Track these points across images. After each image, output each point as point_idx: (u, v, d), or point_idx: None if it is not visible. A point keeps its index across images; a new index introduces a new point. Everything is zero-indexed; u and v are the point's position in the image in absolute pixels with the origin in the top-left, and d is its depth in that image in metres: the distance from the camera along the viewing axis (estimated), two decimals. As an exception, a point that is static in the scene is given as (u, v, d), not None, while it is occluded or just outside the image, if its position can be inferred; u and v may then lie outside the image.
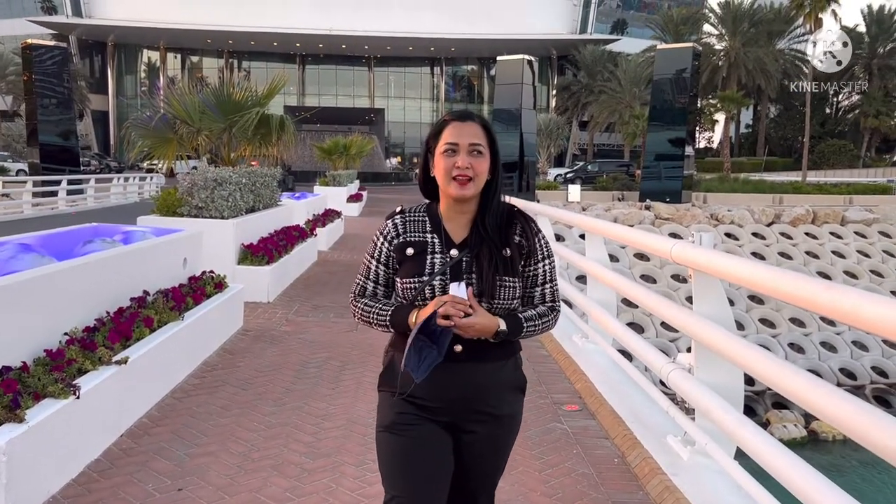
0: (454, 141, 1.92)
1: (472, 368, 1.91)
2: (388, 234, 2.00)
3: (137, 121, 9.10)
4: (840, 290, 2.30)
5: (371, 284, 2.04)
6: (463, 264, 1.92)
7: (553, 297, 2.04)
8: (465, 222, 1.98)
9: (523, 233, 1.99)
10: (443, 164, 1.92)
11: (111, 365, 3.71)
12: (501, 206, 2.02)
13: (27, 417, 2.93)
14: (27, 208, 21.19)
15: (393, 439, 1.91)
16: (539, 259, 2.00)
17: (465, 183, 1.90)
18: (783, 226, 22.05)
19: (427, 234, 1.97)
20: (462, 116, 1.98)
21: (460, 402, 1.92)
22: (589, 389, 4.81)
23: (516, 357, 2.04)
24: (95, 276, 4.25)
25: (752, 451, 2.86)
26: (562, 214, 7.01)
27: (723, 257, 3.35)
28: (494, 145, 1.98)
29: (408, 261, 1.95)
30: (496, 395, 1.96)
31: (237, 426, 4.01)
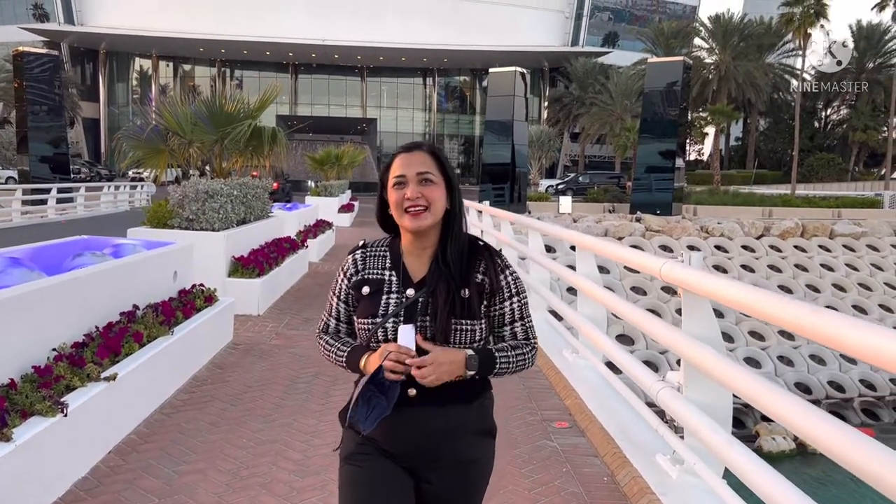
0: (402, 173, 1.82)
1: (428, 414, 1.77)
2: (347, 270, 1.92)
3: (129, 131, 9.09)
4: (825, 315, 2.32)
5: (333, 321, 1.97)
6: (418, 305, 1.80)
7: (526, 335, 1.93)
8: (426, 258, 1.87)
9: (487, 270, 1.85)
10: (393, 197, 1.82)
11: (100, 381, 3.69)
12: (464, 239, 1.88)
13: (14, 436, 2.92)
14: (16, 216, 21.08)
15: (353, 470, 1.82)
16: (506, 297, 1.87)
17: (419, 214, 1.79)
18: (773, 239, 22.19)
19: (385, 270, 1.87)
20: (409, 147, 1.89)
21: (415, 451, 1.80)
22: (579, 406, 4.82)
23: (482, 399, 1.89)
24: (85, 291, 4.23)
25: (739, 472, 2.88)
26: (553, 230, 7.04)
27: (711, 278, 3.37)
28: (448, 174, 1.87)
29: (364, 300, 1.86)
30: (457, 443, 1.82)
31: (226, 443, 3.99)
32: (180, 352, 4.92)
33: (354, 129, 55.22)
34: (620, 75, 49.68)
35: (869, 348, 2.04)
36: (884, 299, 17.81)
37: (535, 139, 45.44)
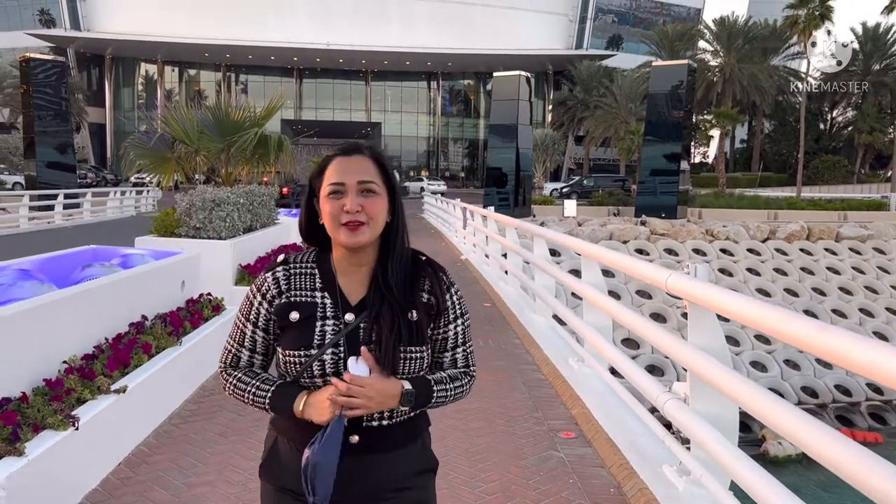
0: (339, 180, 1.58)
1: (372, 461, 1.58)
2: (267, 292, 1.63)
3: (136, 139, 9.15)
4: (832, 333, 2.33)
5: (246, 353, 1.67)
6: (360, 332, 1.58)
7: (466, 362, 1.73)
8: (364, 276, 1.64)
9: (432, 288, 1.66)
10: (328, 207, 1.58)
11: (110, 394, 3.73)
12: (405, 254, 1.66)
13: (27, 450, 2.95)
14: (24, 223, 21.18)
15: None
16: (451, 319, 1.68)
17: (357, 228, 1.56)
18: (778, 242, 22.16)
19: (316, 292, 1.61)
20: (348, 150, 1.63)
21: (358, 499, 1.59)
22: (585, 416, 4.84)
23: (423, 436, 1.71)
24: (95, 303, 4.27)
25: (746, 486, 2.89)
26: (558, 238, 7.05)
27: (717, 291, 3.38)
28: (391, 181, 1.64)
29: (292, 327, 1.59)
30: (399, 485, 1.63)
31: (235, 454, 4.02)
32: (188, 362, 4.96)
33: (359, 133, 55.33)
34: (625, 78, 49.67)
35: (878, 367, 2.05)
36: (890, 302, 17.78)
37: (539, 142, 45.47)
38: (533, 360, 6.51)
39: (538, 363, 6.37)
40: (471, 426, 4.65)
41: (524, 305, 8.88)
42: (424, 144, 66.57)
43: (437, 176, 59.52)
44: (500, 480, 3.81)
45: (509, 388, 5.62)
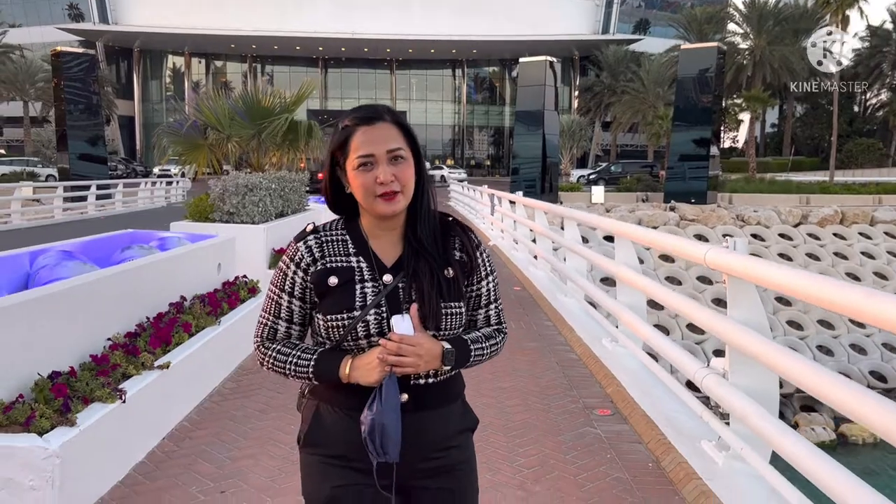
0: (368, 152, 1.56)
1: (420, 419, 1.60)
2: (301, 260, 1.62)
3: (168, 127, 9.26)
4: (883, 298, 2.30)
5: (283, 324, 1.66)
6: (400, 292, 1.60)
7: (499, 320, 1.78)
8: (395, 239, 1.65)
9: (463, 247, 1.69)
10: (360, 180, 1.57)
11: (153, 370, 3.80)
12: (433, 215, 1.69)
13: (78, 421, 3.03)
14: (58, 213, 21.57)
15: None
16: (482, 276, 1.71)
17: (393, 198, 1.56)
18: (810, 226, 21.83)
19: (351, 257, 1.62)
20: (370, 118, 1.59)
21: (408, 457, 1.57)
22: (620, 394, 4.82)
23: (462, 396, 1.75)
24: (136, 283, 4.35)
25: (788, 456, 2.87)
26: (590, 218, 7.02)
27: (760, 263, 3.35)
28: (415, 144, 1.63)
29: (331, 293, 1.59)
30: (446, 444, 1.66)
31: (275, 429, 4.09)
32: (227, 341, 5.03)
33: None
34: (652, 63, 49.03)
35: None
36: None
37: (565, 129, 45.18)
38: (566, 342, 6.50)
39: (571, 344, 6.37)
40: (506, 403, 4.67)
41: (555, 289, 8.85)
42: (450, 133, 66.43)
43: (462, 164, 59.43)
44: (538, 455, 3.82)
45: (543, 367, 5.63)
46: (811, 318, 15.01)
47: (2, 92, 48.45)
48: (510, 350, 6.14)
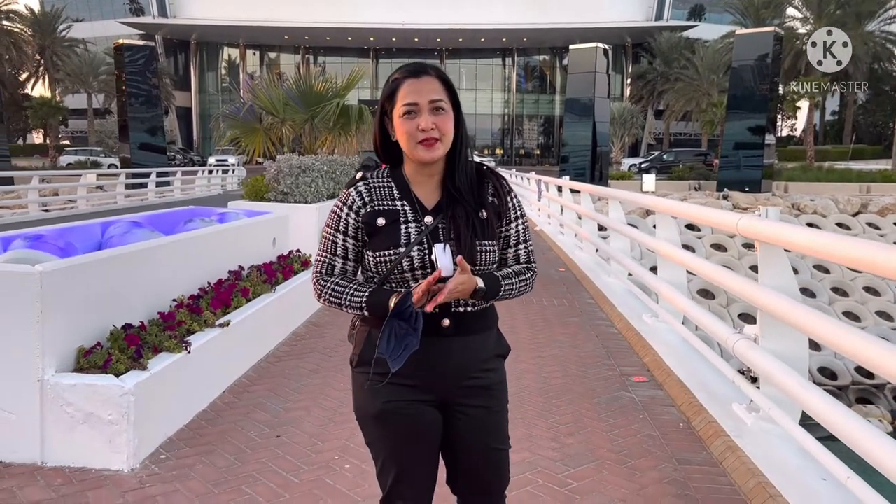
0: (413, 100, 1.75)
1: (461, 342, 1.81)
2: (352, 203, 1.83)
3: (226, 111, 9.65)
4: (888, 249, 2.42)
5: (339, 261, 1.86)
6: (440, 231, 1.80)
7: (528, 258, 1.95)
8: (435, 185, 1.85)
9: (496, 192, 1.88)
10: (404, 127, 1.76)
11: (215, 328, 4.11)
12: (470, 164, 1.89)
13: (149, 366, 3.34)
14: (120, 199, 22.48)
15: (384, 427, 1.84)
16: (512, 219, 1.91)
17: (433, 145, 1.76)
18: (870, 216, 21.28)
19: (396, 201, 1.82)
20: (416, 72, 1.80)
21: (450, 377, 1.82)
22: (657, 363, 4.96)
23: (496, 325, 1.95)
24: (199, 250, 4.68)
25: (816, 413, 2.97)
26: (631, 196, 7.12)
27: (787, 228, 3.47)
28: (456, 98, 1.83)
29: (379, 232, 1.79)
30: (483, 366, 1.87)
31: (326, 386, 4.36)
32: (282, 308, 5.34)
33: (434, 111, 55.57)
34: (707, 49, 48.04)
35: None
36: None
37: (617, 117, 44.66)
38: (607, 317, 6.63)
39: (612, 319, 6.50)
40: (545, 370, 4.86)
41: (598, 270, 8.96)
42: (499, 122, 66.29)
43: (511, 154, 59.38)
44: (573, 414, 4.01)
45: (583, 339, 5.79)
46: (857, 285, 14.93)
47: (67, 84, 50.34)
48: (551, 324, 6.32)
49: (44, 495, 2.87)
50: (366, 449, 3.31)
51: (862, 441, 2.63)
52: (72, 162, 39.81)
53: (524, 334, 5.82)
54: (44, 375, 3.09)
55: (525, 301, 7.12)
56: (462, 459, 1.92)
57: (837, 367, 13.19)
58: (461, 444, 1.89)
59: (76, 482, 3.00)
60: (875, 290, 15.90)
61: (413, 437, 1.84)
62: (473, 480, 1.94)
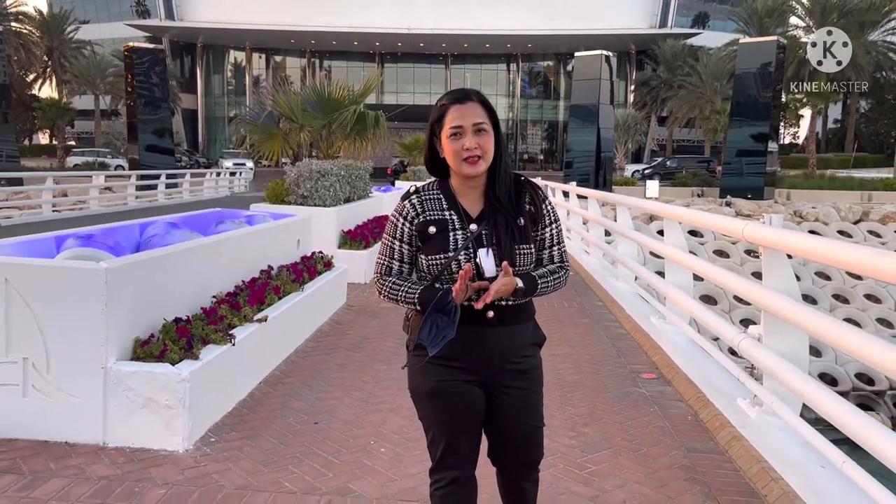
0: (459, 124, 2.03)
1: (503, 331, 2.08)
2: (407, 214, 2.11)
3: (245, 116, 9.93)
4: (888, 255, 2.69)
5: (396, 263, 2.13)
6: (483, 237, 2.05)
7: (561, 258, 2.21)
8: (478, 196, 2.11)
9: (532, 201, 2.14)
10: (451, 147, 2.03)
11: (253, 322, 4.39)
12: (509, 177, 2.14)
13: (201, 356, 3.62)
14: (131, 200, 22.78)
15: (435, 403, 2.11)
16: (547, 224, 2.16)
17: (476, 162, 2.03)
18: (872, 224, 21.52)
19: (445, 211, 2.09)
20: (461, 98, 2.07)
21: (494, 361, 2.09)
22: (665, 361, 5.23)
23: (534, 318, 2.23)
24: (235, 250, 4.96)
25: (814, 404, 3.24)
26: (638, 203, 7.40)
27: (790, 234, 3.74)
28: (496, 120, 2.11)
29: (431, 239, 2.06)
30: (522, 352, 2.14)
31: (355, 379, 4.65)
32: (309, 306, 5.62)
33: (438, 116, 55.84)
34: (711, 57, 48.33)
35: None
36: None
37: (621, 123, 44.93)
38: (616, 319, 6.91)
39: (621, 321, 6.78)
40: (559, 367, 5.13)
41: (606, 274, 9.24)
42: (503, 127, 65.73)
43: (515, 159, 59.68)
44: (587, 407, 4.28)
45: (594, 339, 6.06)
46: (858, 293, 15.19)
47: (74, 86, 50.70)
48: (562, 324, 6.60)
49: (110, 472, 3.15)
50: (399, 434, 3.62)
51: (856, 428, 2.90)
52: (79, 163, 40.11)
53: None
54: (107, 363, 3.37)
55: (537, 303, 7.38)
56: (504, 435, 2.19)
57: (838, 374, 13.36)
58: (504, 421, 2.16)
59: (137, 461, 3.27)
60: (876, 298, 16.18)
61: (460, 412, 2.11)
62: (514, 453, 2.22)
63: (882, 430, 2.82)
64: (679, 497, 3.12)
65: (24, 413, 3.39)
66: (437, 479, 2.19)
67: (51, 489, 2.96)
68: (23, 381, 3.38)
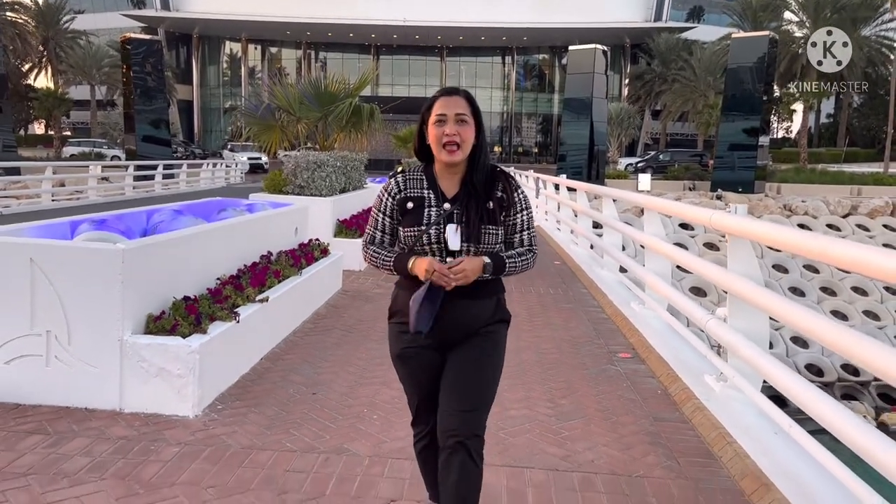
0: (443, 112, 2.28)
1: (462, 305, 2.28)
2: (391, 190, 2.38)
3: (245, 109, 10.20)
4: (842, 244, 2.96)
5: (379, 234, 2.40)
6: (454, 215, 2.29)
7: (530, 242, 2.41)
8: (457, 181, 2.35)
9: (504, 189, 2.37)
10: (434, 132, 2.29)
11: (255, 303, 4.70)
12: (486, 167, 2.38)
13: (208, 330, 3.94)
14: (128, 190, 23.01)
15: (403, 366, 2.42)
16: (518, 210, 2.38)
17: (454, 151, 2.27)
18: (860, 217, 21.86)
19: (424, 190, 2.35)
20: (449, 92, 2.35)
21: (453, 331, 2.31)
22: (641, 343, 5.57)
23: (498, 295, 2.40)
24: (237, 235, 5.28)
25: (768, 376, 3.58)
26: (622, 194, 7.73)
27: (752, 223, 4.07)
28: (478, 115, 2.34)
29: (409, 213, 2.32)
30: (482, 326, 2.35)
31: (350, 356, 4.98)
32: (307, 290, 5.94)
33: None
34: (704, 51, 48.64)
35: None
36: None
37: (614, 117, 45.26)
38: (598, 304, 7.25)
39: (602, 306, 7.11)
40: (542, 347, 5.47)
41: (592, 263, 9.57)
42: (498, 120, 66.77)
43: (509, 152, 60.04)
44: (565, 381, 4.62)
45: (576, 322, 6.40)
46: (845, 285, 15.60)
47: (70, 76, 50.72)
48: (547, 309, 6.93)
49: (127, 433, 3.47)
50: (390, 404, 3.97)
51: (801, 396, 3.23)
52: (75, 153, 40.24)
53: (523, 317, 6.43)
54: (123, 336, 3.68)
55: (524, 290, 7.73)
56: (446, 381, 2.34)
57: (824, 365, 13.65)
58: (450, 370, 2.34)
59: (151, 424, 3.60)
60: (863, 290, 16.51)
61: (419, 374, 2.39)
62: (447, 402, 2.32)
63: (819, 394, 3.15)
64: (643, 458, 3.45)
65: (47, 381, 3.71)
66: (416, 432, 2.53)
67: (76, 446, 3.28)
68: (46, 352, 3.69)
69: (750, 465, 3.31)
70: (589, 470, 3.28)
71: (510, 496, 2.99)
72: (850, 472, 2.82)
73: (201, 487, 2.95)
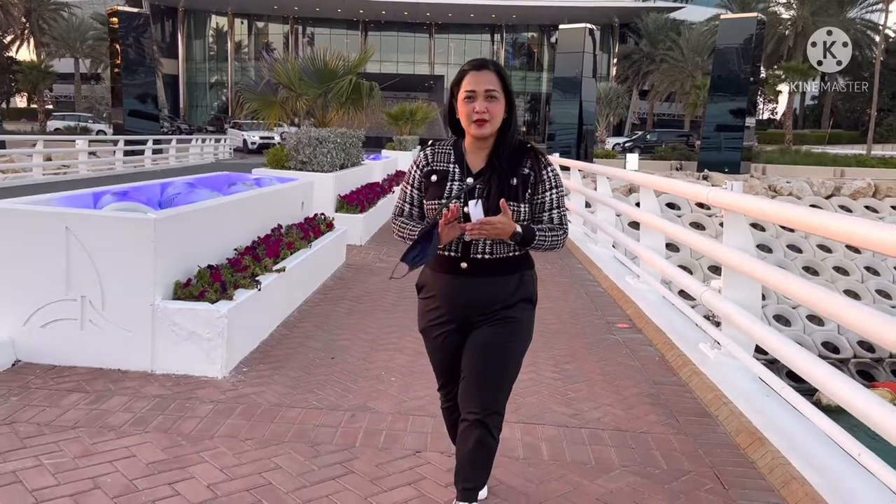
0: (472, 88, 2.24)
1: (477, 283, 2.30)
2: (419, 163, 2.41)
3: (246, 85, 10.29)
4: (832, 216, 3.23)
5: (408, 206, 2.43)
6: (476, 190, 2.28)
7: (561, 221, 2.37)
8: (484, 156, 2.33)
9: (532, 166, 2.33)
10: (464, 109, 2.27)
11: (273, 272, 4.90)
12: (515, 142, 2.36)
13: (234, 297, 4.14)
14: (119, 165, 22.97)
15: (427, 340, 2.50)
16: (547, 188, 2.35)
17: (483, 124, 2.25)
18: (843, 198, 22.25)
19: (450, 164, 2.36)
20: (479, 66, 2.28)
21: (473, 308, 2.33)
22: (638, 314, 5.84)
23: (522, 273, 2.37)
24: (252, 208, 5.46)
25: (761, 341, 3.84)
26: (617, 172, 7.95)
27: (748, 198, 4.31)
28: (508, 89, 2.30)
29: (432, 186, 2.34)
30: (502, 304, 2.32)
31: (362, 324, 5.20)
32: (316, 261, 6.14)
33: (422, 86, 55.81)
34: (692, 31, 48.82)
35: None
36: (956, 259, 17.91)
37: (603, 96, 45.37)
38: (594, 279, 7.51)
39: (598, 280, 7.37)
40: (543, 318, 5.71)
41: (585, 240, 9.82)
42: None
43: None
44: (568, 349, 4.87)
45: (574, 295, 6.66)
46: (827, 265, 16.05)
47: (53, 49, 50.02)
48: (545, 283, 7.17)
49: (162, 391, 3.68)
50: (406, 368, 4.21)
51: (792, 357, 3.49)
52: (60, 127, 39.86)
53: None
54: (155, 301, 3.88)
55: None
56: (467, 357, 2.37)
57: (840, 343, 13.85)
58: (472, 340, 2.36)
59: (183, 384, 3.81)
60: (875, 270, 16.85)
61: (441, 348, 2.46)
62: (469, 375, 2.34)
63: (804, 353, 3.42)
64: (645, 417, 3.71)
65: (82, 343, 3.90)
66: (442, 396, 2.62)
67: (115, 403, 3.49)
68: (81, 316, 3.88)
69: (745, 422, 3.58)
70: (596, 426, 3.54)
71: (526, 449, 3.24)
72: (834, 425, 3.09)
73: (239, 440, 3.17)
